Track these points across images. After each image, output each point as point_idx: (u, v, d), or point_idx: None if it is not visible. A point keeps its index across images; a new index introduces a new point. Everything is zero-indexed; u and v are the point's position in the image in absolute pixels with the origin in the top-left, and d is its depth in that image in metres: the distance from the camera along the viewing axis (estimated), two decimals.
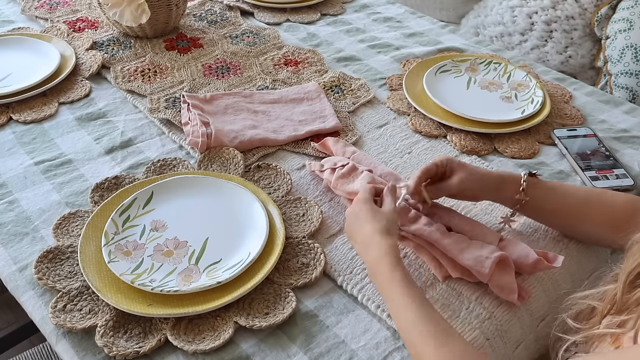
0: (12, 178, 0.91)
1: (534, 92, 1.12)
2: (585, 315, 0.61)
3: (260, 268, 0.75)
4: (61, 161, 0.95)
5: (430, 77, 1.15)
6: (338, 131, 1.03)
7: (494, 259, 0.71)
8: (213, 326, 0.70)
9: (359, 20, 1.43)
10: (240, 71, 1.20)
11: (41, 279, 0.74)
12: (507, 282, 0.72)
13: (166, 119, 1.04)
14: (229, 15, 1.41)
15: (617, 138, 1.04)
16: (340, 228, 0.84)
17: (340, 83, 1.16)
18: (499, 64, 1.20)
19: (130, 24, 1.19)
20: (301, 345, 0.69)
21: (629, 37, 1.58)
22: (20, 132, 1.01)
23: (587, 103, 1.15)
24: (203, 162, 0.94)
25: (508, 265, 0.72)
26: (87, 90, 1.11)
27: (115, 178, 0.90)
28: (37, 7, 1.38)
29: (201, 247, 0.79)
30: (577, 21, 1.73)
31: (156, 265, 0.75)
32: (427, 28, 1.41)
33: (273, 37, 1.32)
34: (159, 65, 1.19)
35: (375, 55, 1.29)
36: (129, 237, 0.79)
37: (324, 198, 0.89)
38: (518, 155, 1.00)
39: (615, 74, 1.62)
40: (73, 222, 0.83)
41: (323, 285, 0.77)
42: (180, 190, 0.86)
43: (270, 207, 0.84)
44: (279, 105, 1.08)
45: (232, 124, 1.00)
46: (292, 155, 0.98)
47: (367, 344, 0.69)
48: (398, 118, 1.08)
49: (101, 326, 0.69)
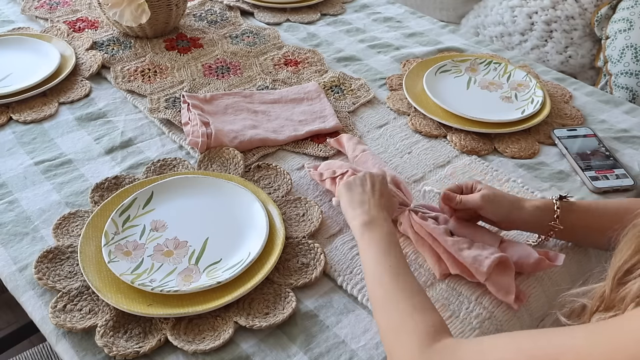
0: (12, 178, 0.91)
1: (534, 92, 1.12)
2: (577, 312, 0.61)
3: (260, 268, 0.75)
4: (61, 161, 0.95)
5: (430, 77, 1.15)
6: (338, 131, 1.03)
7: (494, 259, 0.71)
8: (213, 326, 0.70)
9: (359, 20, 1.43)
10: (240, 71, 1.20)
11: (41, 279, 0.74)
12: (505, 283, 0.72)
13: (166, 119, 1.04)
14: (229, 15, 1.41)
15: (617, 138, 1.04)
16: (341, 228, 0.84)
17: (340, 83, 1.16)
18: (499, 64, 1.20)
19: (130, 24, 1.19)
20: (301, 345, 0.69)
21: (629, 37, 1.58)
22: (20, 132, 1.01)
23: (587, 103, 1.15)
24: (203, 162, 0.94)
25: (508, 267, 0.72)
26: (87, 90, 1.11)
27: (115, 178, 0.90)
28: (37, 7, 1.38)
29: (201, 247, 0.79)
30: (577, 21, 1.73)
31: (156, 265, 0.75)
32: (427, 28, 1.41)
33: (273, 37, 1.32)
34: (159, 65, 1.19)
35: (375, 55, 1.29)
36: (129, 237, 0.79)
37: (324, 198, 0.89)
38: (518, 155, 1.00)
39: (615, 74, 1.62)
40: (73, 222, 0.83)
41: (323, 285, 0.77)
42: (180, 190, 0.86)
43: (270, 207, 0.84)
44: (279, 105, 1.08)
45: (232, 124, 1.00)
46: (292, 155, 0.98)
47: (367, 344, 0.69)
48: (398, 118, 1.08)
49: (101, 326, 0.69)
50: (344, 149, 0.97)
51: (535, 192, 0.91)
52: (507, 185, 0.93)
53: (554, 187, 0.93)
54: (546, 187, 0.93)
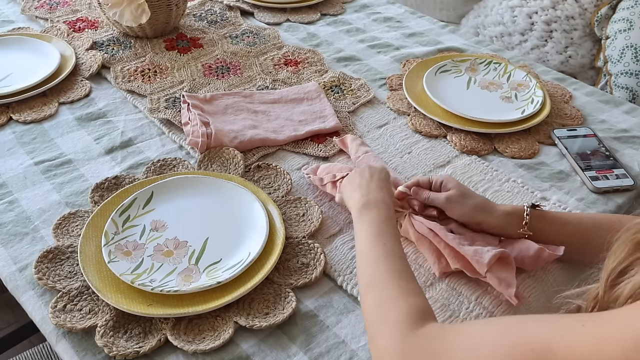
0: (12, 178, 0.91)
1: (534, 92, 1.12)
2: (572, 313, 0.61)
3: (260, 268, 0.75)
4: (61, 161, 0.95)
5: (430, 77, 1.15)
6: (338, 131, 1.03)
7: (495, 252, 0.71)
8: (213, 326, 0.70)
9: (359, 20, 1.43)
10: (240, 71, 1.20)
11: (41, 279, 0.74)
12: (506, 276, 0.72)
13: (166, 119, 1.04)
14: (229, 15, 1.41)
15: (617, 138, 1.05)
16: (341, 228, 0.84)
17: (340, 83, 1.16)
18: (499, 64, 1.20)
19: (130, 24, 1.19)
20: (301, 345, 0.69)
21: (629, 37, 1.58)
22: (20, 132, 1.01)
23: (587, 103, 1.15)
24: (203, 162, 0.94)
25: (509, 263, 0.72)
26: (87, 90, 1.11)
27: (115, 178, 0.90)
28: (37, 7, 1.38)
29: (201, 247, 0.79)
30: (577, 21, 1.73)
31: (156, 265, 0.75)
32: (427, 28, 1.41)
33: (273, 37, 1.32)
34: (159, 65, 1.19)
35: (375, 55, 1.29)
36: (129, 237, 0.79)
37: (324, 198, 0.89)
38: (518, 155, 1.00)
39: (615, 74, 1.62)
40: (73, 222, 0.83)
41: (323, 285, 0.77)
42: (180, 190, 0.86)
43: (270, 207, 0.84)
44: (279, 105, 1.08)
45: (232, 124, 1.00)
46: (292, 155, 0.98)
47: (367, 344, 0.69)
48: (398, 118, 1.08)
49: (101, 326, 0.69)
50: (347, 149, 0.97)
51: (535, 192, 0.91)
52: (507, 185, 0.93)
53: (553, 187, 0.93)
54: (546, 187, 0.93)
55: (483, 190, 0.92)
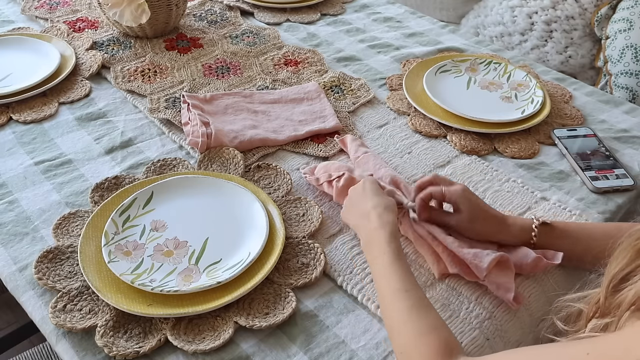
0: (12, 178, 0.91)
1: (534, 92, 1.12)
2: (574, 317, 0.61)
3: (260, 268, 0.75)
4: (61, 161, 0.95)
5: (430, 77, 1.15)
6: (338, 131, 1.03)
7: (495, 256, 0.71)
8: (213, 326, 0.70)
9: (359, 20, 1.43)
10: (240, 71, 1.20)
11: (41, 279, 0.74)
12: (505, 281, 0.72)
13: (166, 119, 1.04)
14: (229, 15, 1.41)
15: (617, 138, 1.05)
16: (341, 228, 0.84)
17: (340, 83, 1.16)
18: (499, 64, 1.20)
19: (130, 24, 1.19)
20: (301, 345, 0.69)
21: (629, 37, 1.58)
22: (20, 132, 1.01)
23: (587, 103, 1.15)
24: (203, 162, 0.94)
25: (508, 267, 0.72)
26: (87, 90, 1.11)
27: (115, 178, 0.90)
28: (37, 7, 1.38)
29: (201, 247, 0.79)
30: (577, 21, 1.73)
31: (156, 265, 0.75)
32: (427, 28, 1.41)
33: (273, 37, 1.32)
34: (159, 65, 1.19)
35: (375, 55, 1.29)
36: (129, 237, 0.79)
37: (324, 198, 0.89)
38: (518, 155, 1.00)
39: (615, 74, 1.62)
40: (73, 222, 0.83)
41: (323, 285, 0.77)
42: (180, 190, 0.86)
43: (270, 207, 0.84)
44: (279, 105, 1.08)
45: (232, 124, 1.00)
46: (292, 155, 0.98)
47: (367, 344, 0.69)
48: (398, 118, 1.08)
49: (101, 326, 0.69)
50: (347, 149, 0.97)
51: (535, 192, 0.92)
52: (507, 185, 0.93)
53: (553, 187, 0.93)
54: (546, 187, 0.93)
55: (483, 190, 0.92)
